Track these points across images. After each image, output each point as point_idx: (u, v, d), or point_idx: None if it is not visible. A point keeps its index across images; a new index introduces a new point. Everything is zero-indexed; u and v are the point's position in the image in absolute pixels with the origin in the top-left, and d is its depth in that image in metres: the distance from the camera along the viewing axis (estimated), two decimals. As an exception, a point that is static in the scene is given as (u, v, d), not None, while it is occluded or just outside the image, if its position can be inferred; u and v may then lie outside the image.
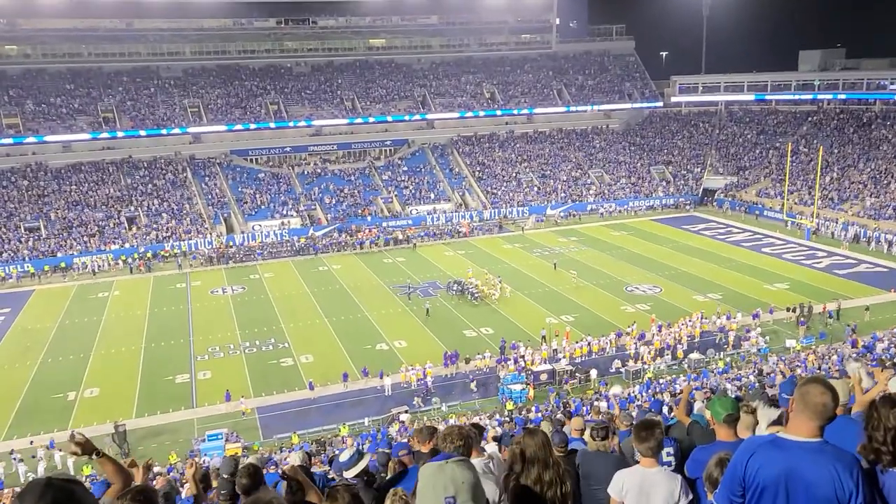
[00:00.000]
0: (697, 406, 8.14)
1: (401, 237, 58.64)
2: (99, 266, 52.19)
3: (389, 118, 74.40)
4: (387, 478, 6.13)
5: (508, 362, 32.19)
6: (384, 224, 61.41)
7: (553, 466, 3.98)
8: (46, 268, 51.39)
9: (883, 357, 22.12)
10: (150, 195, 61.22)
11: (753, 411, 5.00)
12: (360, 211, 63.06)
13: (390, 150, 73.56)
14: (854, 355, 27.01)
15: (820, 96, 73.06)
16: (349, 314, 40.97)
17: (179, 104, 69.72)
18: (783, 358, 31.04)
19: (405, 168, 70.56)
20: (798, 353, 31.84)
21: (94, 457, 4.39)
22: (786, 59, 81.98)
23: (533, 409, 27.79)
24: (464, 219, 63.31)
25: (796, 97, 75.20)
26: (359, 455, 5.14)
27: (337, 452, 22.69)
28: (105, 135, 65.19)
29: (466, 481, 2.16)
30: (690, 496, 4.51)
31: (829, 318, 36.44)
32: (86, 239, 54.76)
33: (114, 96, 68.40)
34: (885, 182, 57.72)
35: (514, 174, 70.82)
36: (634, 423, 5.89)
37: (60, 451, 26.07)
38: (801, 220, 56.24)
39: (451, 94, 78.80)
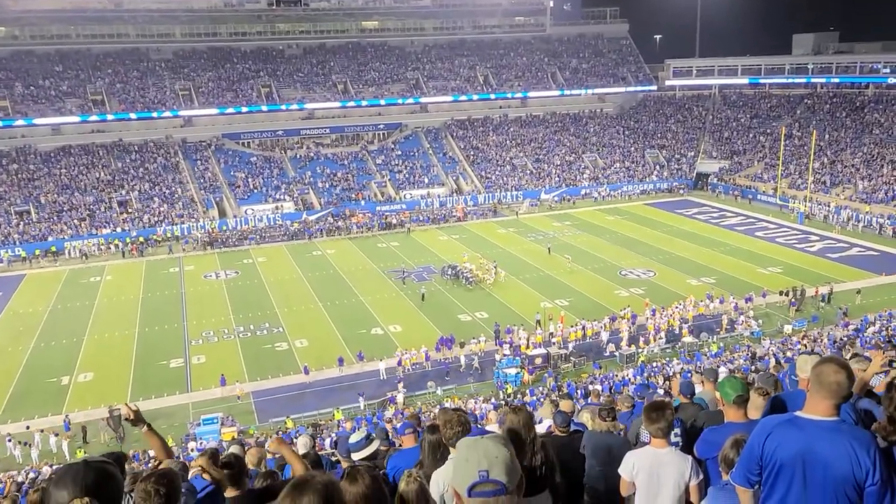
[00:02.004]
0: (697, 389, 8.16)
1: (395, 222, 58.50)
2: (89, 250, 51.81)
3: (383, 101, 73.96)
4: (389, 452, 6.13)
5: (504, 346, 32.26)
6: (378, 208, 61.24)
7: (530, 443, 4.16)
8: (37, 252, 51.04)
9: (877, 341, 22.30)
10: (141, 179, 60.77)
11: (767, 393, 4.99)
12: (353, 195, 62.85)
13: (383, 133, 73.20)
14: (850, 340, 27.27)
15: (813, 80, 73.10)
16: (343, 299, 40.92)
17: (170, 87, 69.06)
18: (773, 341, 31.25)
19: (399, 152, 70.26)
20: (789, 336, 32.05)
21: (144, 428, 4.79)
22: (779, 42, 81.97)
23: (528, 392, 27.93)
24: (458, 203, 63.20)
25: (790, 81, 75.18)
26: (367, 439, 5.12)
27: (335, 436, 22.78)
28: (95, 118, 64.60)
29: (500, 456, 2.16)
30: (701, 476, 4.51)
31: (821, 302, 36.63)
32: (76, 223, 54.39)
33: (103, 79, 67.68)
34: (878, 166, 57.93)
35: (508, 158, 70.65)
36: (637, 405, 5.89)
37: (56, 434, 26.08)
38: (794, 204, 56.44)
39: (445, 77, 78.37)
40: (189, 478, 5.55)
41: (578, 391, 25.83)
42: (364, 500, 2.98)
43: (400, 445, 6.51)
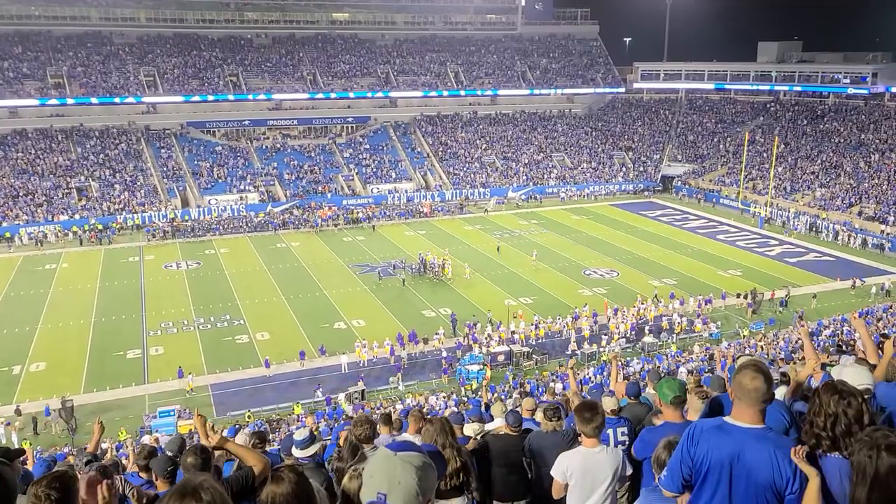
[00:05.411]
0: (648, 390, 8.24)
1: (361, 216, 58.12)
2: (44, 236, 50.42)
3: (352, 94, 73.38)
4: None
5: (478, 343, 32.36)
6: (344, 202, 60.78)
7: (451, 448, 4.26)
8: (-9, 238, 49.59)
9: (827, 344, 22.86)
10: (101, 165, 59.36)
11: (706, 396, 5.06)
12: (320, 188, 62.28)
13: (352, 126, 72.66)
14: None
15: (776, 87, 74.61)
16: (307, 292, 40.57)
17: (134, 73, 67.50)
18: (730, 343, 31.86)
19: (367, 146, 69.83)
20: (747, 338, 32.71)
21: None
22: (745, 49, 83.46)
23: (489, 389, 27.96)
24: (425, 199, 63.07)
25: (754, 87, 76.66)
26: (312, 438, 5.09)
27: (290, 430, 22.57)
28: (54, 101, 62.77)
29: (403, 482, 2.07)
30: (630, 470, 4.57)
31: (780, 307, 37.39)
32: (32, 209, 52.92)
33: (64, 62, 65.84)
34: (835, 174, 59.37)
35: (476, 155, 70.72)
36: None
37: (8, 423, 25.39)
38: (755, 208, 57.56)
39: (415, 72, 78.07)
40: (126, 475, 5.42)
41: (539, 388, 26.01)
42: (292, 497, 2.94)
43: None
